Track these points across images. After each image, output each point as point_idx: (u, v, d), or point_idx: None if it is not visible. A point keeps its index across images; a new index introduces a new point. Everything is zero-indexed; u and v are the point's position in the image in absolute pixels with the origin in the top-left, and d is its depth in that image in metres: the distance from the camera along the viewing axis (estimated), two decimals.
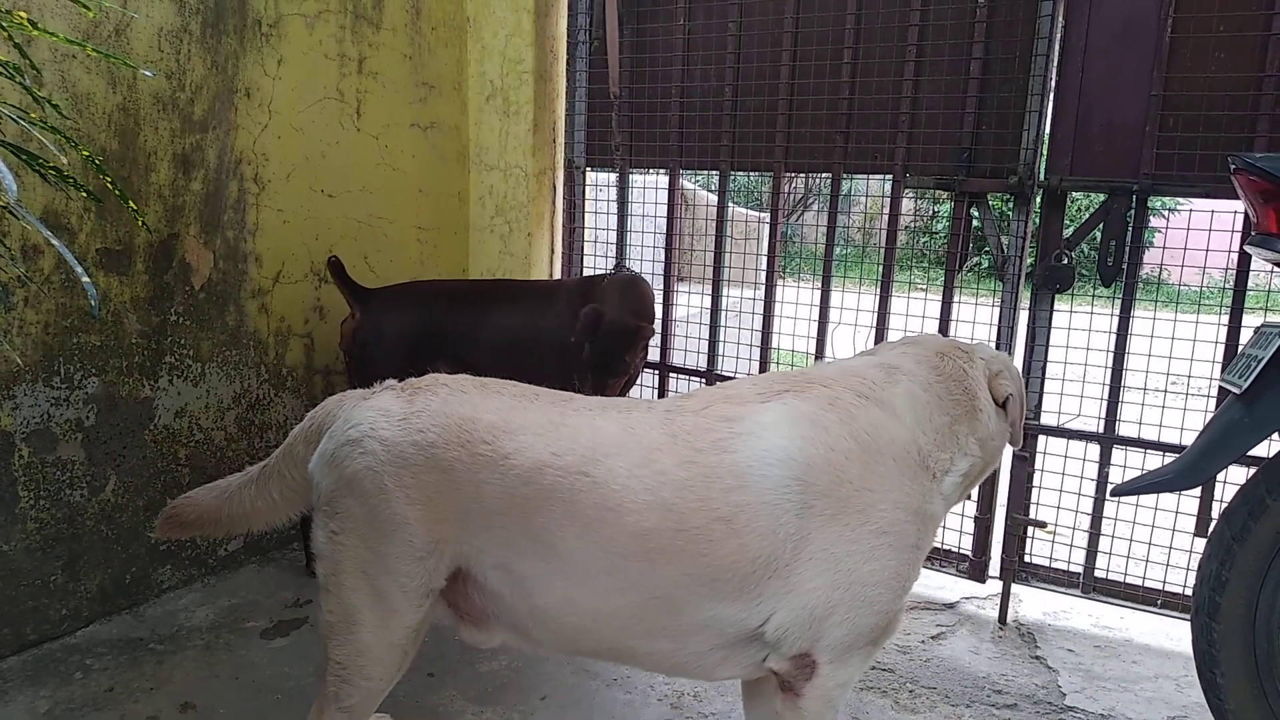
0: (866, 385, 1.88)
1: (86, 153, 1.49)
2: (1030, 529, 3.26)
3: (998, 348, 3.22)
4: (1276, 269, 2.33)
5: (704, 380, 3.80)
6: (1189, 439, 2.30)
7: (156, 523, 2.09)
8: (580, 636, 1.85)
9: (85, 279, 1.21)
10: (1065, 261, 3.09)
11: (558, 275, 4.19)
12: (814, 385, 1.87)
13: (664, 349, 3.95)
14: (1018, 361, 3.24)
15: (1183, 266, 3.10)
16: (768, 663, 1.81)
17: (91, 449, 2.78)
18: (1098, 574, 3.21)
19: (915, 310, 3.42)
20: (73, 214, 2.64)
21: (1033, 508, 3.28)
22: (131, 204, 1.50)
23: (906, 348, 2.06)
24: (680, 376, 3.95)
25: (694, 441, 1.77)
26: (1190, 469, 2.17)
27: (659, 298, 3.89)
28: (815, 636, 1.75)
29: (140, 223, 1.53)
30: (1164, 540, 3.07)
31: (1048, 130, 3.11)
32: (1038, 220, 3.21)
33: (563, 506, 1.72)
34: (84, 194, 1.47)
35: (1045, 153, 3.13)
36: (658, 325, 3.90)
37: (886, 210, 3.50)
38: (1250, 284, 2.96)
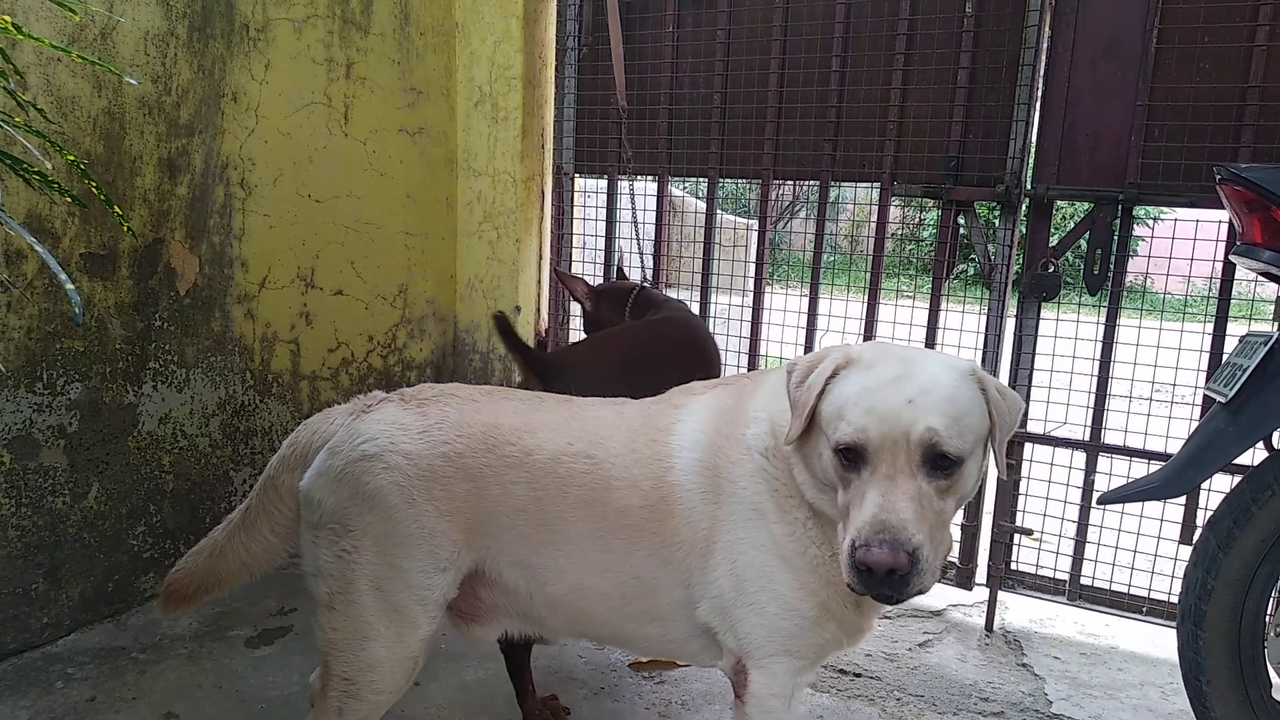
0: (763, 374, 1.89)
1: (71, 157, 1.47)
2: (1017, 536, 3.27)
3: (984, 356, 3.24)
4: (1261, 278, 2.35)
5: None
6: (1174, 447, 2.32)
7: (160, 604, 2.03)
8: (586, 620, 1.89)
9: (69, 285, 1.20)
10: (1051, 270, 3.11)
11: (545, 280, 4.19)
12: (743, 379, 1.92)
13: None
14: (1004, 370, 3.26)
15: (1167, 275, 3.12)
16: (719, 663, 1.85)
17: (74, 455, 2.75)
18: (1084, 581, 3.22)
19: (903, 318, 3.42)
20: (57, 218, 2.61)
21: (1019, 515, 3.29)
22: (116, 209, 1.49)
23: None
24: None
25: (656, 423, 1.84)
26: (1176, 477, 2.18)
27: None
28: (730, 632, 1.76)
29: (125, 228, 1.51)
30: (1149, 548, 3.08)
31: (1034, 139, 3.13)
32: (1024, 229, 3.22)
33: (574, 491, 1.78)
34: (68, 199, 1.45)
35: (1032, 162, 3.15)
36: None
37: (874, 218, 3.51)
38: (1234, 293, 2.98)
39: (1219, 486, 2.52)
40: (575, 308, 4.27)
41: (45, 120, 1.83)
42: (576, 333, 4.29)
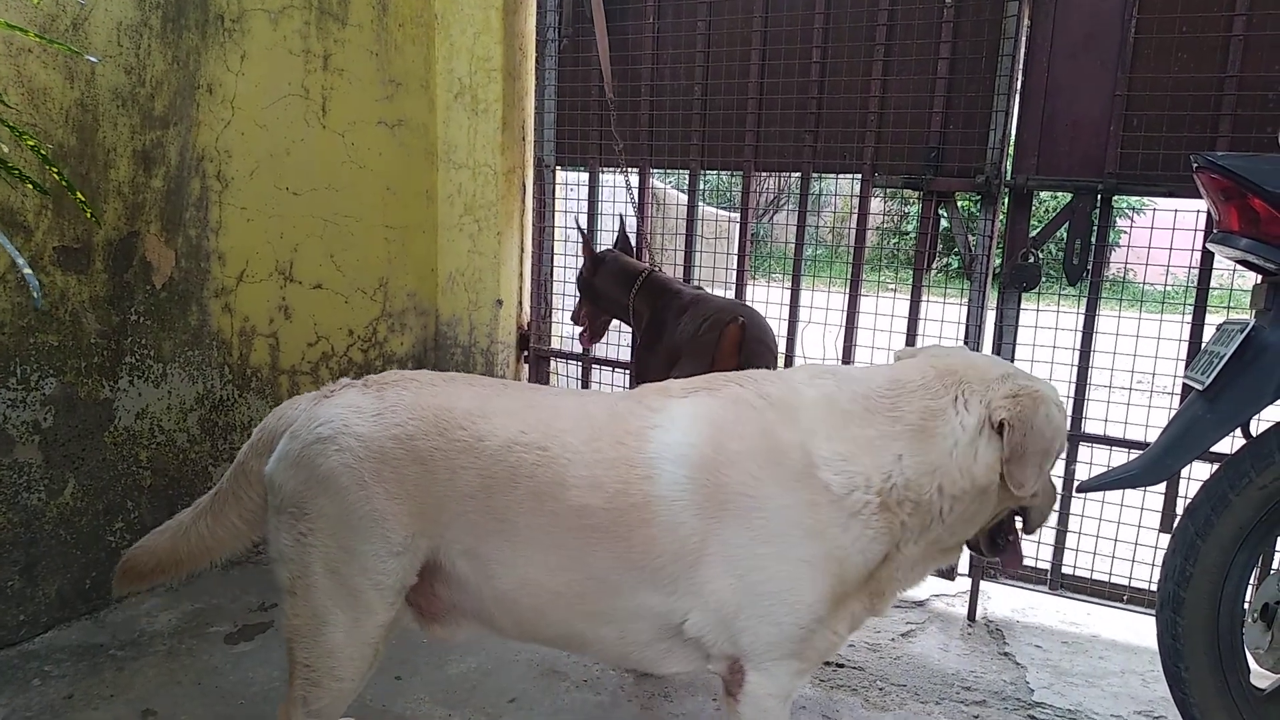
0: (775, 385, 1.84)
1: (32, 143, 1.45)
2: None
3: (965, 346, 3.24)
4: (1239, 267, 2.36)
5: None
6: (1154, 436, 2.33)
7: (114, 580, 2.03)
8: (536, 619, 1.85)
9: (26, 270, 1.18)
10: (1031, 260, 3.11)
11: (528, 273, 4.17)
12: (730, 384, 1.87)
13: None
14: None
15: (1146, 265, 3.13)
16: (709, 664, 1.83)
17: (49, 451, 2.72)
18: (1065, 571, 3.23)
19: (885, 309, 3.42)
20: (29, 212, 2.58)
21: None
22: (79, 195, 1.47)
23: (919, 359, 1.93)
24: None
25: (626, 424, 1.79)
26: (1154, 464, 2.19)
27: None
28: (731, 640, 1.75)
29: (89, 214, 1.49)
30: (1130, 537, 3.09)
31: (1014, 130, 3.13)
32: (1004, 220, 3.23)
33: (525, 483, 1.74)
34: (29, 184, 1.43)
35: (1012, 153, 3.15)
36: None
37: (856, 209, 3.51)
38: (1214, 283, 2.99)
39: (1198, 474, 2.53)
40: (560, 299, 4.25)
41: (6, 106, 1.80)
42: (560, 324, 4.27)
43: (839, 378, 1.86)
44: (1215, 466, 2.25)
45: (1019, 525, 1.97)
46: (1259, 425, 2.19)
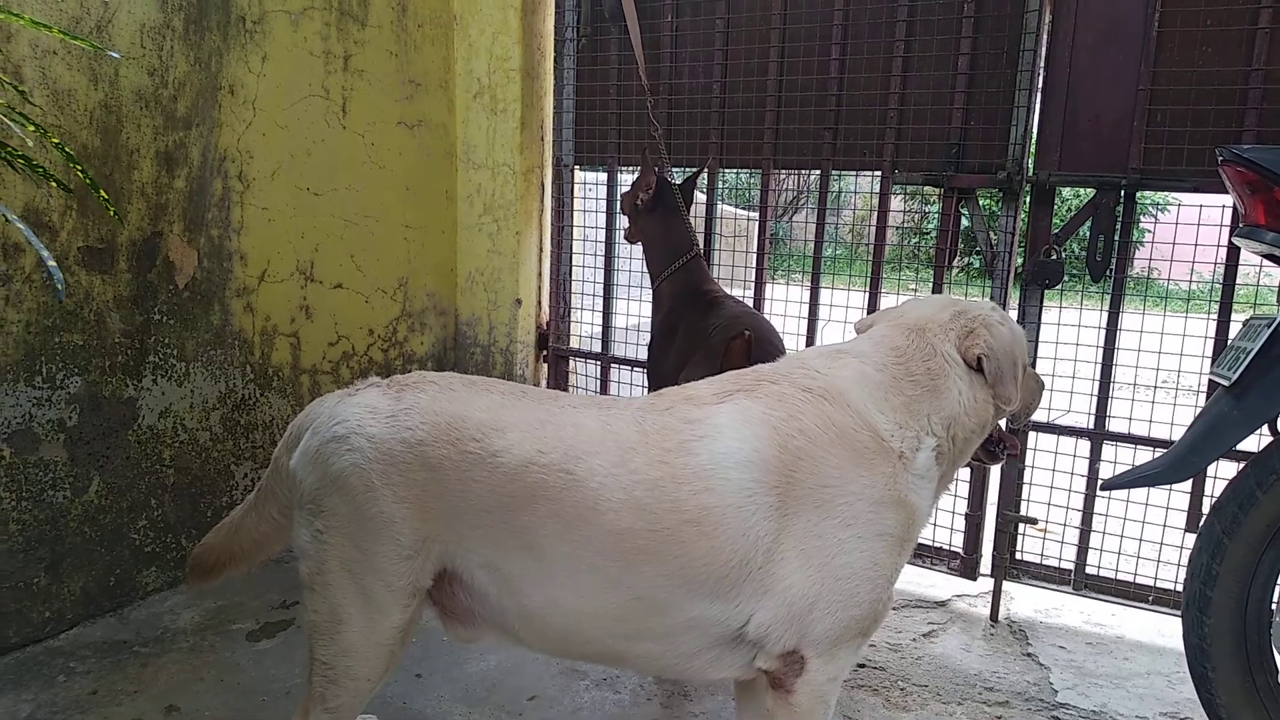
0: (810, 376, 1.85)
1: (56, 141, 1.46)
2: (1021, 526, 3.25)
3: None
4: (1266, 262, 2.33)
5: None
6: (1179, 434, 2.30)
7: (186, 578, 2.13)
8: (567, 638, 1.82)
9: (51, 262, 1.19)
10: (1054, 257, 3.09)
11: (546, 273, 4.18)
12: (763, 383, 1.85)
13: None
14: None
15: (1171, 261, 3.09)
16: (756, 662, 1.80)
17: (74, 449, 2.75)
18: (1089, 571, 3.20)
19: None
20: (54, 211, 2.61)
21: (1024, 504, 3.27)
22: (103, 194, 1.48)
23: (881, 325, 2.01)
24: None
25: (662, 441, 1.75)
26: (1180, 462, 2.16)
27: (648, 295, 3.86)
28: (800, 633, 1.73)
29: (111, 212, 1.50)
30: (1155, 536, 3.06)
31: (1035, 126, 3.11)
32: (1026, 216, 3.20)
33: (546, 505, 1.71)
34: (53, 183, 1.44)
35: (1033, 148, 3.12)
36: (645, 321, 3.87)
37: (876, 206, 3.49)
38: (1240, 279, 2.95)
39: (1224, 472, 2.50)
40: (579, 299, 4.25)
41: (31, 105, 1.82)
42: (578, 324, 4.28)
43: (855, 355, 1.92)
44: (1242, 464, 2.21)
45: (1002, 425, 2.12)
46: None
